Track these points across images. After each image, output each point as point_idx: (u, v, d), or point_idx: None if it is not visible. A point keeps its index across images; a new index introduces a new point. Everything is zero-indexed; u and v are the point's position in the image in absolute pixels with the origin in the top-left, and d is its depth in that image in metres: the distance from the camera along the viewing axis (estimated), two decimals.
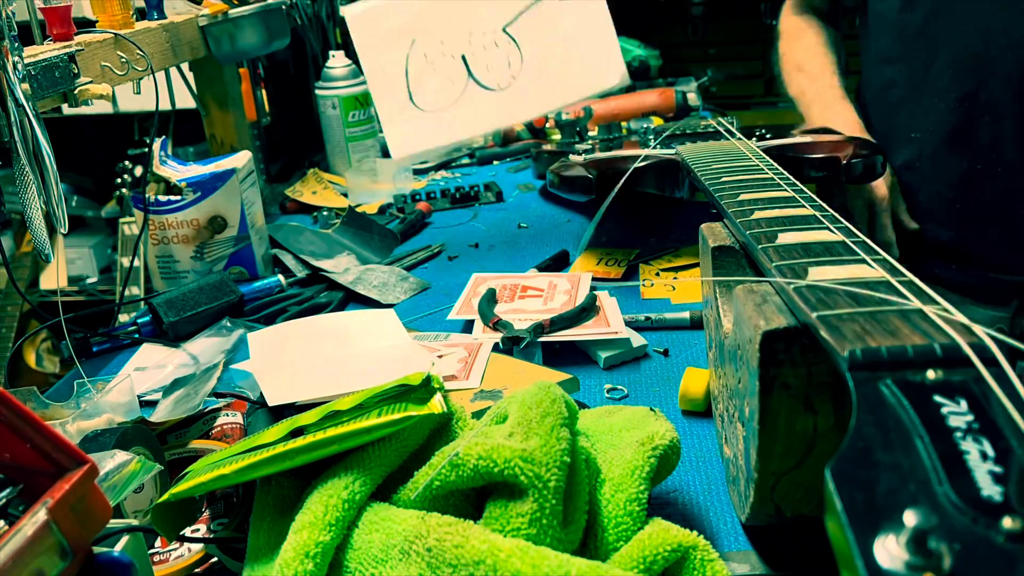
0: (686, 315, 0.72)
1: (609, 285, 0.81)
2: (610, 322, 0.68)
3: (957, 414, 0.24)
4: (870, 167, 0.77)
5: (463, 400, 0.56)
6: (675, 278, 0.82)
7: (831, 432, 0.37)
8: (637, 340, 0.68)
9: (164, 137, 0.89)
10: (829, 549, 0.23)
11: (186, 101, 1.05)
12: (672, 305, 0.77)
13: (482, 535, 0.36)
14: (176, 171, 0.86)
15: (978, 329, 0.29)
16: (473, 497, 0.42)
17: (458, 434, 0.45)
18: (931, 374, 0.27)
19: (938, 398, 0.25)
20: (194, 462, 0.48)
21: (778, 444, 0.38)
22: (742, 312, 0.39)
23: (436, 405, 0.43)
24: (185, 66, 1.04)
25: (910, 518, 0.20)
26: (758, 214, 0.49)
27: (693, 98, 1.29)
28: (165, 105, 0.89)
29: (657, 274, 0.83)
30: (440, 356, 0.64)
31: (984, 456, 0.23)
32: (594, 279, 0.79)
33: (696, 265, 0.83)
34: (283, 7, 1.07)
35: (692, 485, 0.51)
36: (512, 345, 0.65)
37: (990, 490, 0.21)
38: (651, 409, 0.48)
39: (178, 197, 0.84)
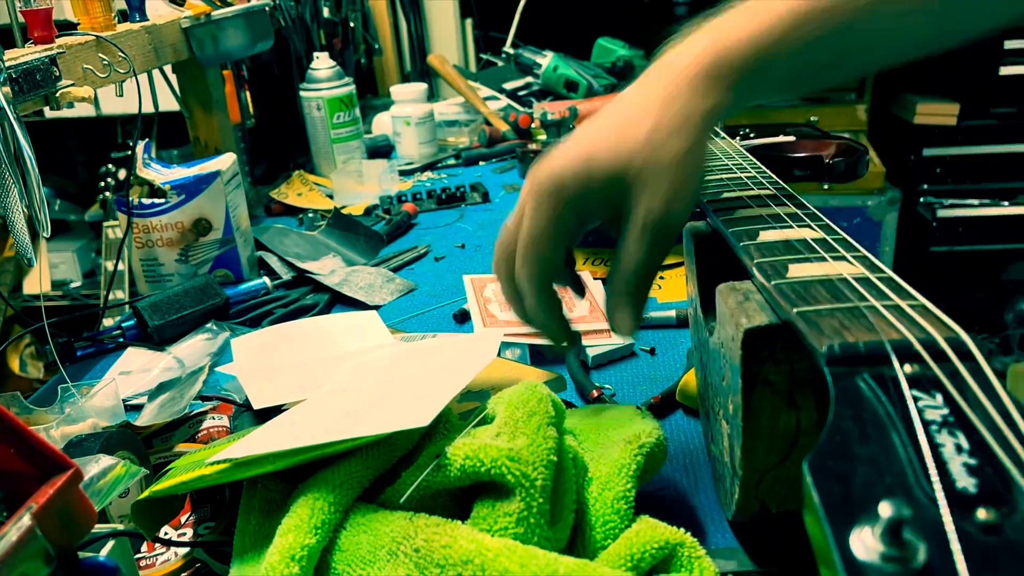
0: (672, 314, 0.72)
1: None
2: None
3: (933, 408, 0.25)
4: (853, 166, 0.78)
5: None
6: (661, 277, 0.82)
7: (814, 428, 0.38)
8: (624, 338, 0.68)
9: (147, 140, 0.88)
10: None
11: (169, 103, 1.05)
12: (658, 304, 0.77)
13: (470, 535, 0.36)
14: (160, 174, 0.85)
15: (954, 324, 0.29)
16: (460, 497, 0.42)
17: (445, 435, 0.45)
18: (907, 368, 0.27)
19: (914, 392, 0.26)
20: None
21: (762, 441, 0.38)
22: (724, 310, 0.40)
23: None
24: (168, 68, 1.03)
25: (885, 510, 0.20)
26: (740, 213, 0.49)
27: None
28: (148, 108, 0.89)
29: None
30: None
31: (959, 449, 0.23)
32: None
33: (682, 264, 0.84)
34: (266, 9, 1.07)
35: (679, 483, 0.52)
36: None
37: (965, 482, 0.22)
38: (637, 407, 0.49)
39: (162, 200, 0.84)
